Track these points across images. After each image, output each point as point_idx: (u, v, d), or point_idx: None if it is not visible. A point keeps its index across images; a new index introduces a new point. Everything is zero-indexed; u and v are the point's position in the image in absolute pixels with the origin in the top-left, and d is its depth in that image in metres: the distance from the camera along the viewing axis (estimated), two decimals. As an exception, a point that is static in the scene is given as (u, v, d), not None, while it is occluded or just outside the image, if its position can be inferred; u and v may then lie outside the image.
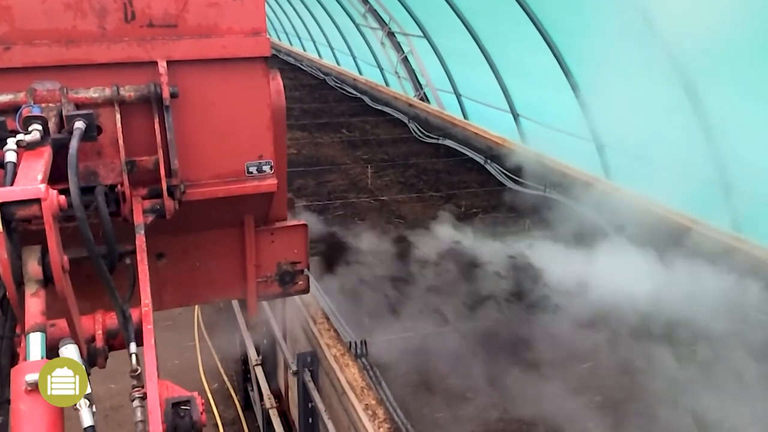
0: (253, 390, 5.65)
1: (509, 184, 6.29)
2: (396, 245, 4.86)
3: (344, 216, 5.53)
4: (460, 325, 3.86)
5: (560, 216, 5.27)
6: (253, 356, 5.05)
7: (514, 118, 8.53)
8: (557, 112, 7.79)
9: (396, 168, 6.93)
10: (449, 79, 10.15)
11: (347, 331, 3.47)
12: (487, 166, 6.78)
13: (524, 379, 3.31)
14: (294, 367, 3.62)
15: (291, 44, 19.31)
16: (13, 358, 1.68)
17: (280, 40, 20.85)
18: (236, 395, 6.74)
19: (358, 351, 3.31)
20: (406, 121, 8.73)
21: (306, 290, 3.06)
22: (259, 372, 4.89)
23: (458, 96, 10.08)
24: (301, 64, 14.29)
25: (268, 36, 2.33)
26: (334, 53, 15.66)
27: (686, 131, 5.56)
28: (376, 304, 4.03)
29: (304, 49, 17.72)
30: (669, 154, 5.72)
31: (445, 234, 5.02)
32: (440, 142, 7.70)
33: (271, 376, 4.86)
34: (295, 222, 2.93)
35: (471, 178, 6.61)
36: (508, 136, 7.30)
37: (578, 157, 6.49)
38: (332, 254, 4.62)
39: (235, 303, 5.77)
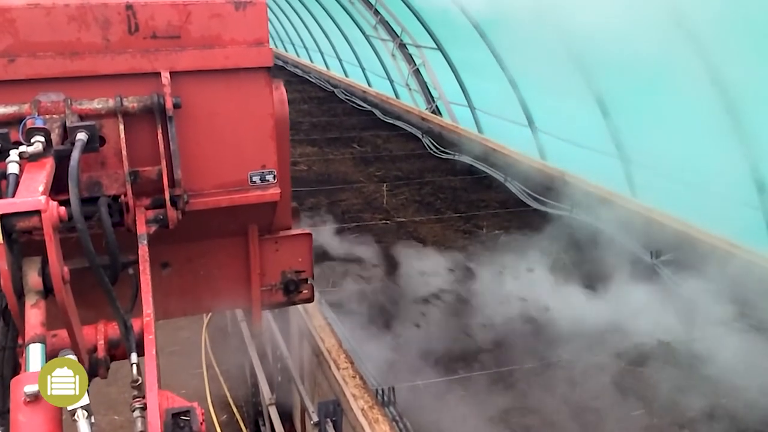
0: (264, 425, 5.57)
1: (531, 203, 6.29)
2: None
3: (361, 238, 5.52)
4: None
5: (592, 242, 5.18)
6: (266, 393, 4.93)
7: (533, 133, 8.58)
8: (580, 126, 7.81)
9: (411, 186, 6.94)
10: (463, 92, 10.23)
11: (373, 378, 3.34)
12: (508, 184, 6.78)
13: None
14: (315, 417, 3.49)
15: (298, 55, 19.58)
16: (16, 369, 1.78)
17: (287, 51, 21.16)
18: (246, 429, 6.70)
19: (385, 399, 3.23)
20: (420, 136, 8.81)
21: (310, 299, 3.15)
22: (272, 412, 4.77)
23: (472, 109, 10.15)
24: (309, 76, 14.51)
25: (270, 46, 2.45)
26: (342, 65, 15.87)
27: (723, 148, 5.53)
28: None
29: (312, 61, 17.97)
30: (705, 173, 5.69)
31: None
32: (456, 158, 7.76)
33: (284, 412, 4.77)
34: (299, 231, 3.03)
35: (490, 197, 6.60)
36: (527, 152, 7.32)
37: (602, 175, 6.48)
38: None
39: (245, 327, 5.77)
